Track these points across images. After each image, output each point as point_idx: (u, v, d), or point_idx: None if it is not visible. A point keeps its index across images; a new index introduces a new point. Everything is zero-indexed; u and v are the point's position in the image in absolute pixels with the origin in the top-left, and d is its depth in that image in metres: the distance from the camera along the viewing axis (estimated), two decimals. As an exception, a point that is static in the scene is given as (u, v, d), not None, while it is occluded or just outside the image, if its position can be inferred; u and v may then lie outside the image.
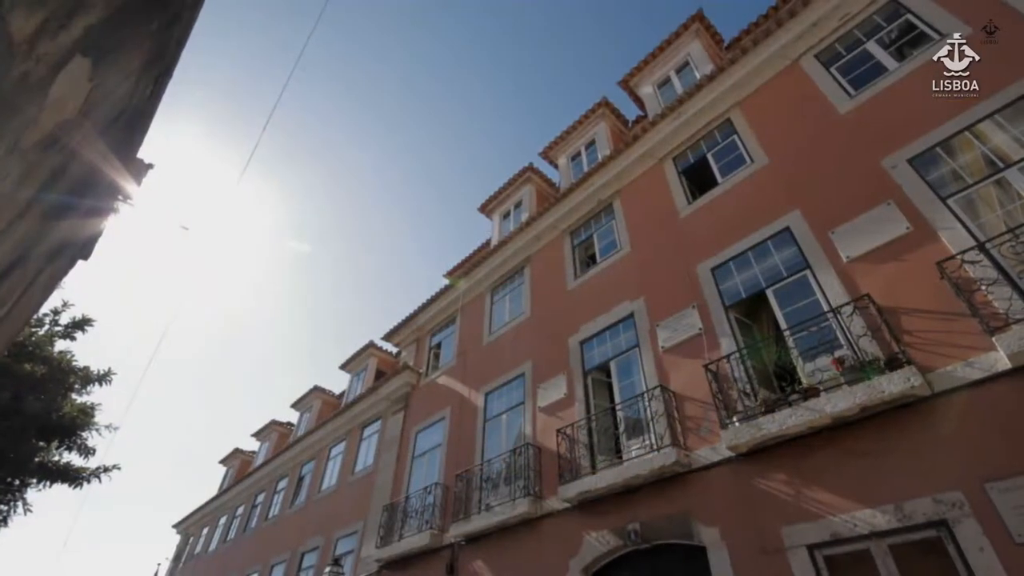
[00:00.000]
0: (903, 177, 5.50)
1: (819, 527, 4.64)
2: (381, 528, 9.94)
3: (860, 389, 4.57)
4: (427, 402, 11.58)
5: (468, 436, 9.61)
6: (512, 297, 11.08)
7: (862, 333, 4.99)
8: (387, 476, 11.13)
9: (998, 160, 4.95)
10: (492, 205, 13.92)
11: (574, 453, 7.14)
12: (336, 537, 11.81)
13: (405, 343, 13.95)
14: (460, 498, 8.62)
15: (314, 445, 15.44)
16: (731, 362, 5.88)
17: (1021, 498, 3.69)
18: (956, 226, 4.91)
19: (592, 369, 8.06)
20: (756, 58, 7.94)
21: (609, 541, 6.27)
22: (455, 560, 8.20)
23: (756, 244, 6.61)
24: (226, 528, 18.74)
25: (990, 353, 4.23)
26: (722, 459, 5.59)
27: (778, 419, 5.00)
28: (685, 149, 8.78)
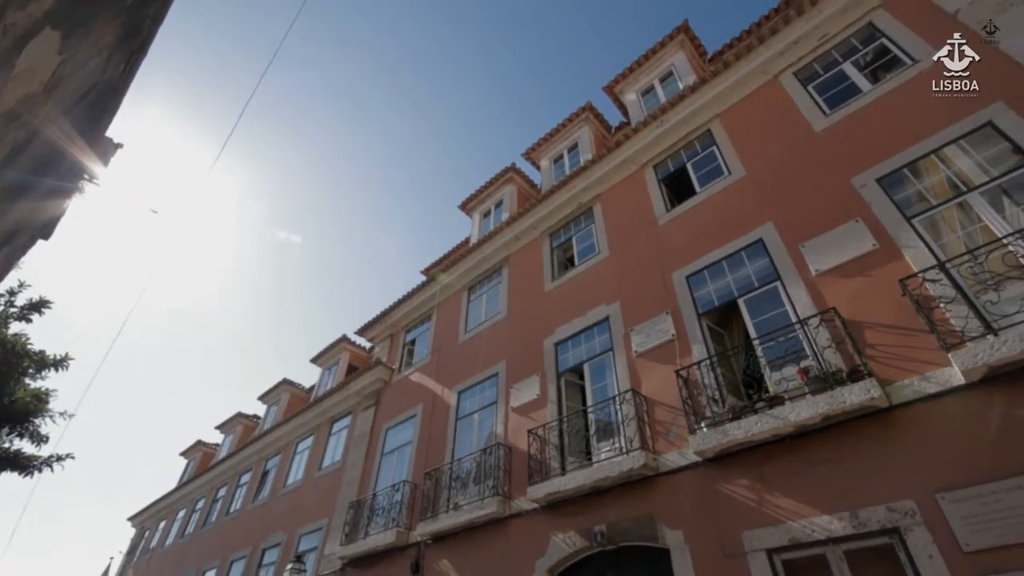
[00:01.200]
0: (872, 196, 5.70)
1: (778, 532, 4.77)
2: (346, 525, 9.81)
3: (823, 399, 4.71)
4: (399, 399, 11.47)
5: (439, 434, 9.56)
6: (489, 296, 11.07)
7: (827, 345, 5.14)
8: (355, 472, 10.98)
9: (961, 184, 5.17)
10: (473, 203, 13.87)
11: (544, 454, 7.17)
12: (300, 533, 11.60)
13: (379, 338, 13.79)
14: (428, 496, 8.57)
15: (281, 439, 15.13)
16: (702, 369, 5.99)
17: (969, 508, 3.86)
18: (919, 245, 5.10)
19: (566, 371, 8.11)
20: (737, 72, 8.11)
21: (575, 542, 6.32)
22: (421, 559, 8.14)
23: (730, 254, 6.75)
24: (184, 522, 18.22)
25: (946, 369, 4.41)
26: (689, 463, 5.70)
27: (744, 426, 5.12)
28: (666, 157, 8.91)
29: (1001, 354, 3.96)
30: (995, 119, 5.12)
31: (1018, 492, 3.70)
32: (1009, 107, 5.07)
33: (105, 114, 2.70)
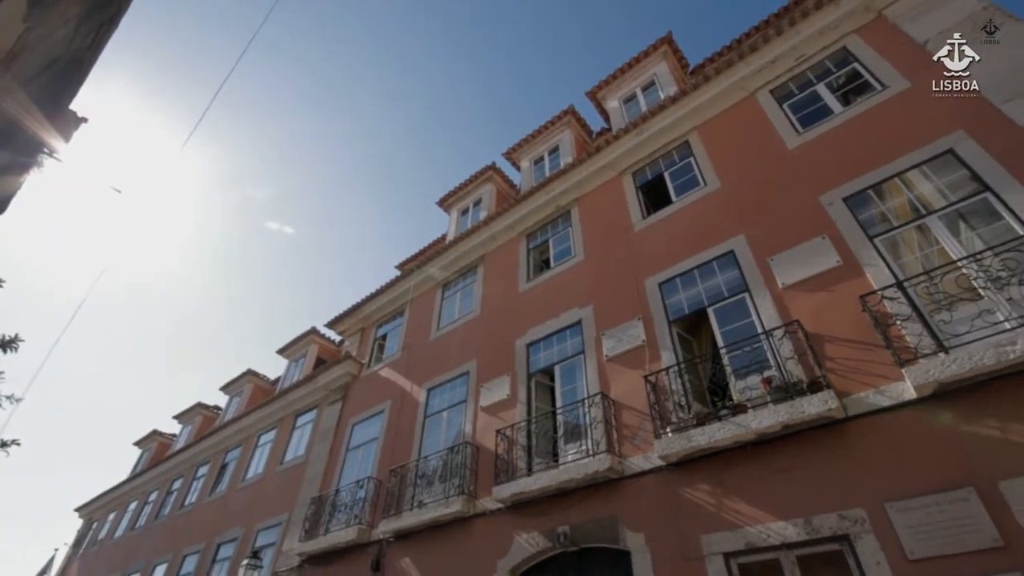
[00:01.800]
0: (838, 214, 5.90)
1: (736, 536, 4.89)
2: (307, 521, 9.62)
3: (783, 408, 4.86)
4: (367, 394, 11.32)
5: (406, 431, 9.48)
6: (463, 294, 11.03)
7: (790, 356, 5.30)
8: (318, 467, 10.79)
9: (921, 207, 5.41)
10: (451, 200, 13.80)
11: (512, 454, 7.18)
12: (257, 528, 11.32)
13: (349, 332, 13.59)
14: (393, 494, 8.48)
15: (242, 431, 14.75)
16: (670, 375, 6.10)
17: (915, 518, 4.04)
18: (880, 264, 5.31)
19: (536, 372, 8.14)
20: (717, 86, 8.29)
21: (539, 543, 6.35)
22: (381, 557, 8.05)
23: (702, 264, 6.90)
24: (136, 514, 17.57)
25: (899, 383, 4.60)
26: (653, 467, 5.79)
27: (708, 432, 5.24)
28: (644, 165, 9.04)
29: (951, 371, 4.15)
30: (956, 147, 5.37)
31: (961, 504, 3.89)
32: (969, 136, 5.32)
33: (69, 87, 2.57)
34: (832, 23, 7.38)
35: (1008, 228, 4.73)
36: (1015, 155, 4.94)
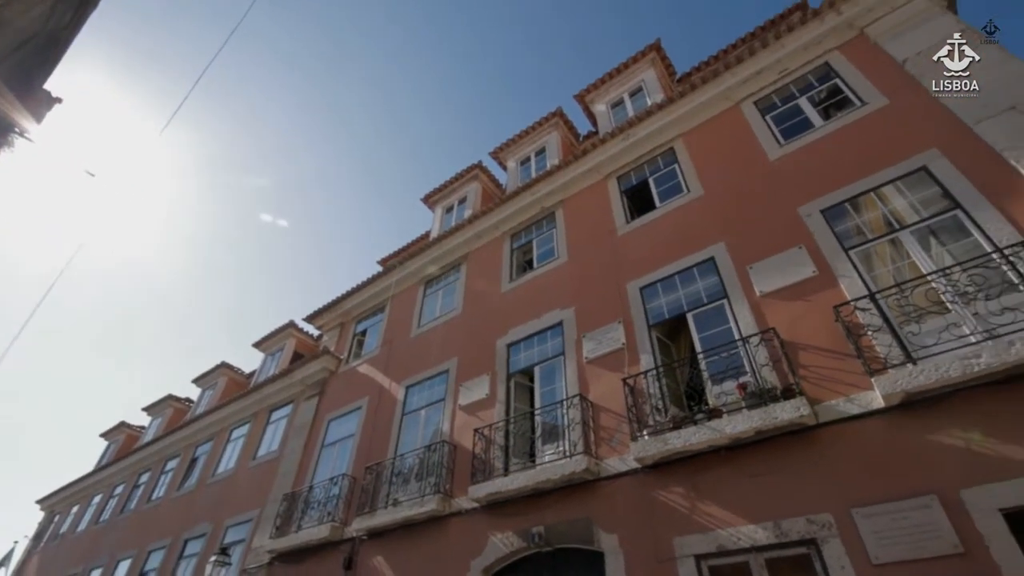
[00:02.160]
0: (815, 225, 6.04)
1: (707, 539, 4.97)
2: (278, 518, 9.47)
3: (757, 414, 4.95)
4: (344, 390, 11.20)
5: (383, 428, 9.40)
6: (445, 292, 10.98)
7: (765, 363, 5.41)
8: (292, 463, 10.63)
9: (895, 221, 5.56)
10: (437, 197, 13.73)
11: (489, 454, 7.18)
12: (227, 525, 11.10)
13: (328, 327, 13.42)
14: (367, 491, 8.40)
15: (214, 425, 14.45)
16: (648, 378, 6.17)
17: (880, 524, 4.15)
18: (854, 275, 5.45)
19: (516, 372, 8.15)
20: (703, 95, 8.40)
21: (513, 543, 6.36)
22: (354, 555, 7.97)
23: (683, 269, 6.98)
24: (100, 507, 17.09)
25: (868, 392, 4.73)
26: (629, 469, 5.85)
27: (683, 435, 5.31)
28: (629, 170, 9.12)
29: (918, 382, 4.28)
30: (929, 165, 5.54)
31: (924, 511, 4.01)
32: (943, 154, 5.49)
33: (44, 66, 2.49)
34: (816, 39, 7.55)
35: (976, 245, 4.89)
36: (985, 175, 5.11)
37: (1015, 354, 3.92)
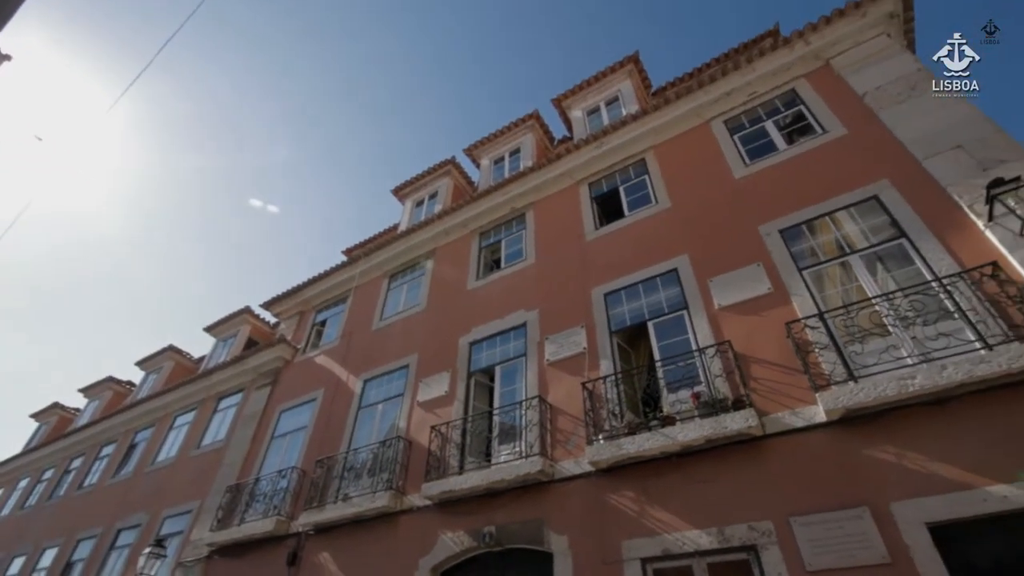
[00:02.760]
0: (773, 244, 6.28)
1: (654, 543, 5.09)
2: (220, 510, 9.13)
3: (708, 423, 5.11)
4: (299, 380, 10.90)
5: (338, 422, 9.20)
6: (410, 287, 10.85)
7: (719, 374, 5.58)
8: (238, 454, 10.26)
9: (846, 246, 5.85)
10: (407, 190, 13.56)
11: (445, 452, 7.13)
12: (164, 515, 10.62)
13: (286, 315, 13.04)
14: (317, 485, 8.20)
15: (157, 411, 13.80)
16: (606, 384, 6.27)
17: (816, 533, 4.35)
18: (805, 294, 5.70)
19: (477, 371, 8.13)
20: (676, 110, 8.62)
21: (463, 542, 6.34)
22: (299, 550, 7.76)
23: (647, 279, 7.13)
24: (27, 492, 16.05)
25: (812, 407, 4.94)
26: (582, 472, 5.92)
27: (637, 441, 5.42)
28: (601, 177, 9.25)
29: (858, 399, 4.51)
30: (880, 194, 5.85)
31: (856, 521, 4.22)
32: (893, 186, 5.81)
33: (-10, 16, 2.31)
34: (784, 66, 7.87)
35: (918, 273, 5.20)
36: (930, 208, 5.44)
37: (947, 377, 4.19)
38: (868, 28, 7.37)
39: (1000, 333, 4.32)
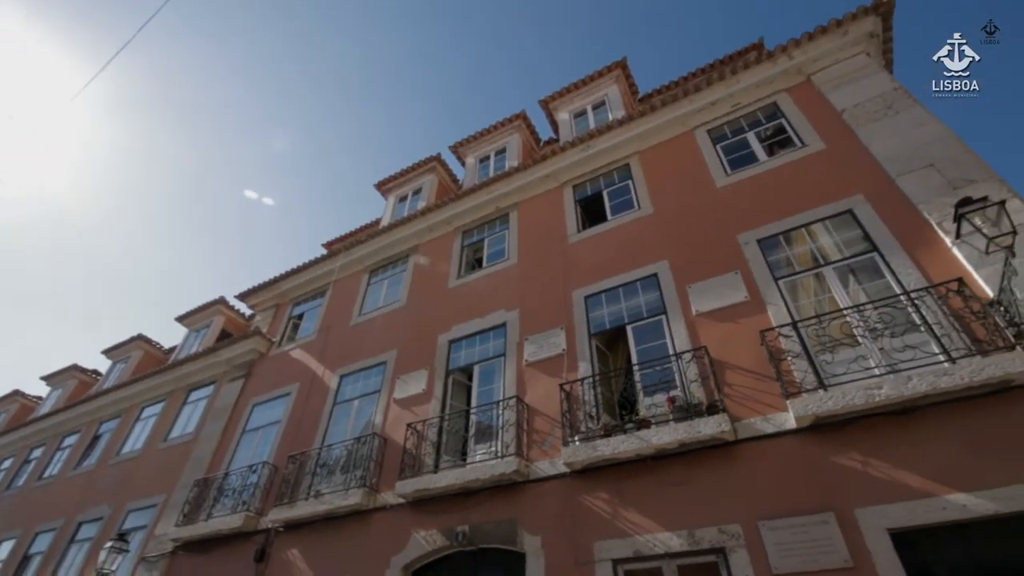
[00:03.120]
0: (751, 253, 6.41)
1: (625, 544, 5.14)
2: (187, 504, 8.92)
3: (683, 427, 5.19)
4: (273, 374, 10.72)
5: (312, 417, 9.07)
6: (391, 282, 10.76)
7: (695, 379, 5.67)
8: (208, 448, 10.04)
9: (820, 257, 6.00)
10: (391, 185, 13.44)
11: (420, 450, 7.10)
12: (128, 509, 10.33)
13: (262, 306, 12.80)
14: (288, 481, 8.07)
15: (123, 401, 13.42)
16: (584, 385, 6.31)
17: (782, 537, 4.45)
18: (780, 304, 5.83)
19: (455, 370, 8.11)
20: (661, 117, 8.72)
21: (436, 541, 6.31)
22: (268, 546, 7.63)
23: (627, 283, 7.21)
24: (-20, 483, 15.41)
25: (783, 413, 5.06)
26: (557, 473, 5.95)
27: (612, 443, 5.47)
28: (585, 181, 9.31)
29: (827, 407, 4.63)
30: (855, 209, 6.02)
31: (822, 526, 4.34)
32: (867, 201, 5.98)
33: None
34: (767, 79, 8.03)
35: (888, 286, 5.36)
36: (901, 223, 5.62)
37: (912, 388, 4.33)
38: (849, 46, 7.57)
39: (963, 347, 4.48)
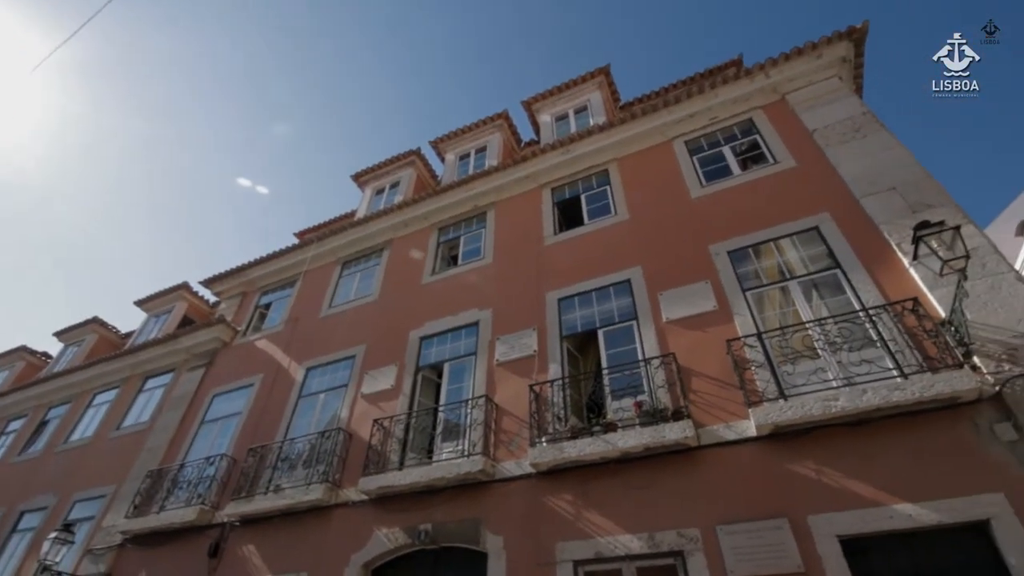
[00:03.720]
0: (721, 264, 6.57)
1: (587, 546, 5.20)
2: (139, 496, 8.60)
3: (648, 431, 5.28)
4: (237, 364, 10.42)
5: (276, 409, 8.86)
6: (363, 276, 10.61)
7: (662, 385, 5.77)
8: (163, 438, 9.70)
9: (787, 271, 6.20)
10: (368, 177, 13.25)
11: (386, 446, 7.01)
12: (75, 499, 9.89)
13: (228, 294, 12.44)
14: (247, 475, 7.85)
15: (75, 386, 12.83)
16: (553, 387, 6.35)
17: (739, 541, 4.57)
18: (747, 314, 5.99)
19: (425, 367, 8.05)
20: (641, 126, 8.85)
21: (398, 538, 6.25)
22: (222, 541, 7.42)
23: (600, 287, 7.28)
24: (-88, 468, 14.49)
25: (745, 421, 5.20)
26: (523, 474, 5.97)
27: (579, 446, 5.52)
28: (564, 184, 9.37)
29: (786, 416, 4.78)
30: (820, 226, 6.24)
31: (776, 532, 4.48)
32: (832, 219, 6.20)
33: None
34: (744, 95, 8.24)
35: (848, 302, 5.57)
36: (864, 243, 5.85)
37: (866, 401, 4.51)
38: (822, 69, 7.84)
39: (915, 364, 4.69)
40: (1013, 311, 4.66)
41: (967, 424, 4.37)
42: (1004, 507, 3.94)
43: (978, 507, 4.01)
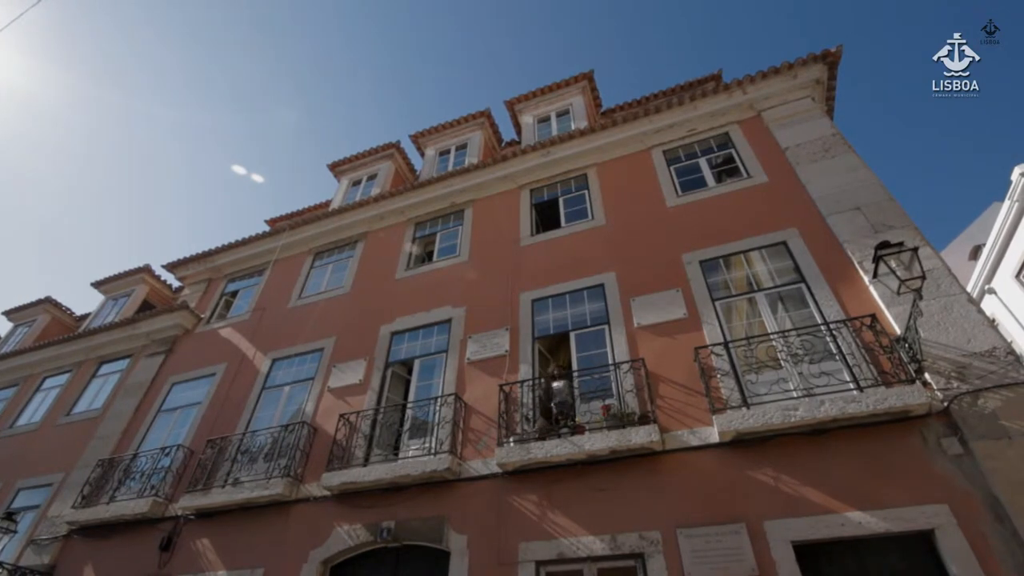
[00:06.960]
0: (693, 273, 6.71)
1: (550, 546, 5.23)
2: (88, 485, 8.24)
3: (615, 435, 5.35)
4: (198, 352, 10.10)
5: (238, 400, 8.62)
6: (336, 267, 10.42)
7: (630, 389, 5.86)
8: (116, 426, 9.32)
9: (755, 283, 6.37)
10: (345, 167, 13.03)
11: (352, 441, 6.91)
12: (18, 487, 9.42)
13: (192, 280, 12.04)
14: (205, 467, 7.62)
15: (23, 369, 12.22)
16: (523, 388, 6.37)
17: (697, 544, 4.68)
18: (715, 323, 6.13)
19: (395, 362, 7.96)
20: (621, 133, 8.96)
21: (359, 536, 6.17)
22: (175, 535, 7.18)
23: (574, 290, 7.35)
24: None
25: (708, 428, 5.32)
26: (489, 473, 5.97)
27: (546, 447, 5.56)
28: (543, 186, 9.41)
29: (748, 424, 4.92)
30: (788, 241, 6.44)
31: (733, 536, 4.60)
32: (800, 235, 6.41)
33: None
34: (721, 110, 8.44)
35: (811, 316, 5.77)
36: (828, 259, 6.06)
37: (824, 412, 4.68)
38: (797, 89, 8.09)
39: (871, 377, 4.90)
40: (963, 331, 4.91)
41: (917, 437, 4.58)
42: (948, 518, 4.14)
43: (924, 517, 4.20)
